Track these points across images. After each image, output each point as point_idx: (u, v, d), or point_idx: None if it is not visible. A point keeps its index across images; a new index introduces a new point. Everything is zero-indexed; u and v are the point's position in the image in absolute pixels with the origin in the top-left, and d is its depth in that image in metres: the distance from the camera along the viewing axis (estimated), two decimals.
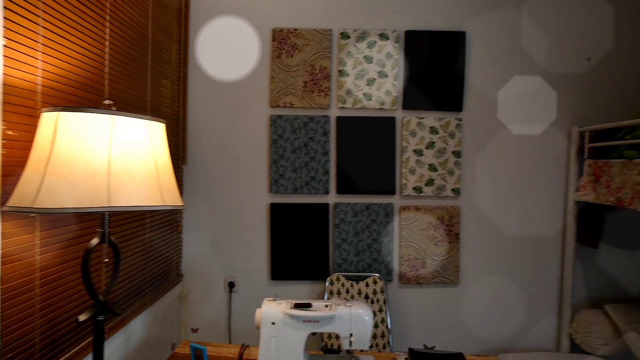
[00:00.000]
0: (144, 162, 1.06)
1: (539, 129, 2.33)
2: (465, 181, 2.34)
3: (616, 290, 2.39)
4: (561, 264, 2.37)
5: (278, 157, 2.29)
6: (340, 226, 2.31)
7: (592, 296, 2.39)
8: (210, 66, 2.30)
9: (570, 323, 2.32)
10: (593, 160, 2.12)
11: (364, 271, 2.33)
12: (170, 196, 1.12)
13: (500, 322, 2.38)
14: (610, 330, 2.16)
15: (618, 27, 2.31)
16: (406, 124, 2.30)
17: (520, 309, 2.38)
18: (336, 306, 1.39)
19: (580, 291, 2.38)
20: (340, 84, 2.29)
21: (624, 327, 2.10)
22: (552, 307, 2.38)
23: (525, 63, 2.32)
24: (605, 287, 2.39)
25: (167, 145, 1.21)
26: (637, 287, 2.39)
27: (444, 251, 2.33)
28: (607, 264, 2.38)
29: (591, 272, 2.38)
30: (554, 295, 2.38)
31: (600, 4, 2.30)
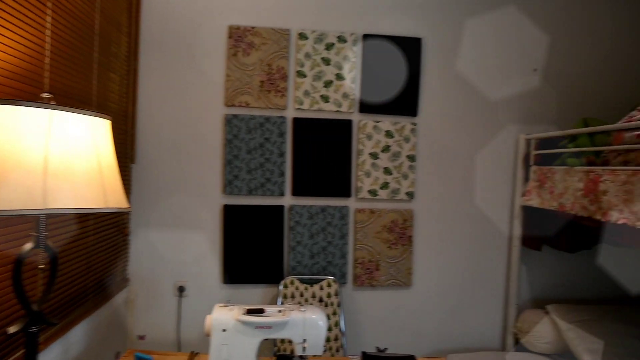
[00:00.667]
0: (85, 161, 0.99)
1: (489, 135, 2.41)
2: (418, 185, 2.38)
3: (558, 291, 2.51)
4: (507, 266, 2.46)
5: (233, 158, 2.24)
6: (295, 229, 2.28)
7: (535, 297, 2.50)
8: (163, 61, 2.21)
9: (515, 323, 2.42)
10: (538, 167, 2.21)
11: (319, 274, 2.31)
12: (114, 197, 1.06)
13: (450, 323, 2.44)
14: (552, 329, 2.26)
15: (561, 40, 2.43)
16: (362, 127, 2.31)
17: (469, 309, 2.45)
18: (290, 311, 1.36)
19: (525, 292, 2.49)
20: (297, 85, 2.26)
21: (564, 326, 2.20)
22: (498, 307, 2.47)
23: (477, 71, 2.39)
24: (547, 288, 2.50)
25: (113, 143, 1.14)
26: (577, 288, 2.52)
27: (397, 254, 2.36)
28: (549, 266, 2.50)
29: (535, 273, 2.49)
30: (501, 296, 2.47)
31: (545, 18, 2.41)
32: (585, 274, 2.52)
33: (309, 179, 2.29)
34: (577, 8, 2.44)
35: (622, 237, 1.76)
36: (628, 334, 2.11)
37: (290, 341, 2.16)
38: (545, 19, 2.41)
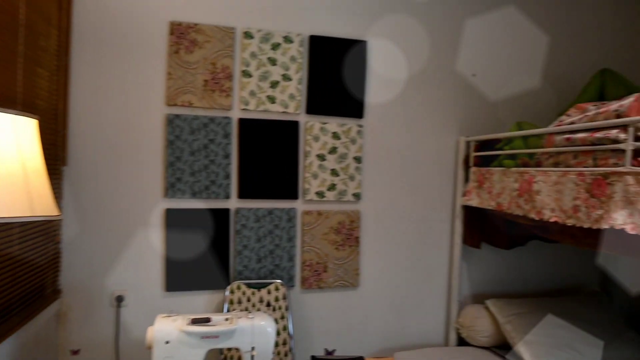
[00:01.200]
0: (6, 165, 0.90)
1: (431, 138, 2.49)
2: (365, 186, 2.41)
3: (496, 286, 2.63)
4: (449, 264, 2.55)
5: (175, 160, 2.14)
6: (241, 232, 2.23)
7: (475, 293, 2.60)
8: (98, 57, 2.07)
9: (457, 318, 2.51)
10: (477, 168, 2.31)
11: (266, 278, 2.27)
12: (42, 204, 0.97)
13: (396, 321, 2.49)
14: (491, 323, 2.37)
15: (497, 45, 2.55)
16: (309, 129, 2.30)
17: (414, 307, 2.51)
18: (237, 319, 1.32)
19: (466, 288, 2.59)
20: (243, 85, 2.21)
21: (502, 320, 2.31)
22: (441, 304, 2.55)
23: (420, 74, 2.45)
24: (487, 284, 2.62)
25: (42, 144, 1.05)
26: (513, 282, 2.66)
27: (345, 255, 2.37)
28: (488, 263, 2.61)
29: (475, 270, 2.60)
30: (443, 294, 2.55)
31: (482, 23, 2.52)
32: (520, 269, 2.67)
33: (255, 181, 2.24)
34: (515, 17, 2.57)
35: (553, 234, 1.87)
36: (559, 324, 2.25)
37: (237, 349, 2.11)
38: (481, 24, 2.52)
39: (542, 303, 2.43)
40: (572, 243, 1.75)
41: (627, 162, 1.39)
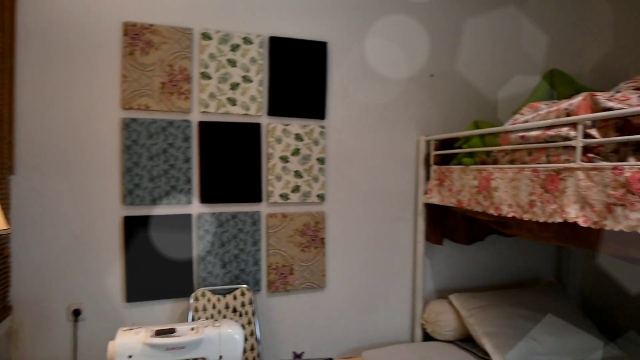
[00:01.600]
0: None
1: (393, 137, 2.52)
2: (329, 187, 2.41)
3: (459, 281, 2.70)
4: (413, 262, 2.59)
5: (132, 165, 2.07)
6: (204, 238, 2.18)
7: (439, 288, 2.66)
8: (47, 59, 1.97)
9: (422, 314, 2.55)
10: (438, 167, 2.36)
11: (231, 283, 2.23)
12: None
13: (363, 321, 2.51)
14: (454, 317, 2.42)
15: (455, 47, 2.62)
16: (272, 131, 2.28)
17: (381, 306, 2.54)
18: (203, 328, 1.28)
19: (430, 285, 2.64)
20: (202, 87, 2.16)
21: (465, 314, 2.38)
22: (406, 301, 2.59)
23: (380, 75, 2.48)
24: (450, 279, 2.68)
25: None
26: (474, 277, 2.74)
27: (310, 256, 2.36)
28: (450, 259, 2.68)
29: (438, 266, 2.65)
30: (408, 291, 2.59)
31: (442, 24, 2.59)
32: (481, 264, 2.75)
33: (218, 185, 2.20)
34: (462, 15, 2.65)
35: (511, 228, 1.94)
36: (519, 315, 2.34)
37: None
38: (442, 25, 2.58)
39: (503, 295, 2.52)
40: (529, 237, 1.82)
41: (577, 158, 1.45)
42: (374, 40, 2.46)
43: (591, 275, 2.80)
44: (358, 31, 2.43)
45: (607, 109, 1.40)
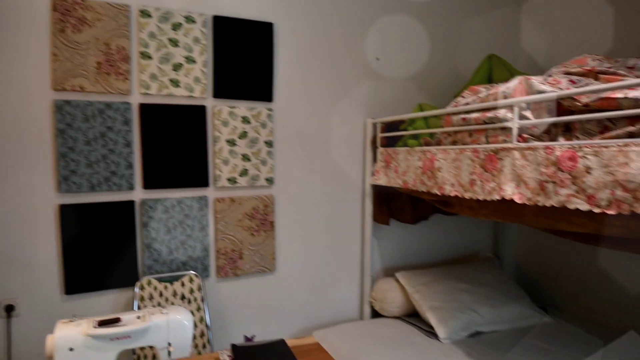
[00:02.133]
0: None
1: (340, 120, 2.54)
2: (277, 170, 2.39)
3: (405, 259, 2.80)
4: (361, 242, 2.65)
5: (68, 150, 1.95)
6: (149, 225, 2.11)
7: (387, 267, 2.75)
8: None
9: (370, 293, 2.63)
10: (384, 149, 2.41)
11: (179, 270, 2.18)
12: None
13: (314, 301, 2.54)
14: (401, 294, 2.52)
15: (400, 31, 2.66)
16: (217, 113, 2.22)
17: (330, 286, 2.58)
18: (150, 315, 1.25)
19: (377, 264, 2.72)
20: (142, 68, 2.06)
21: (410, 290, 2.47)
22: (355, 280, 2.65)
23: (327, 57, 2.48)
24: (396, 258, 2.78)
25: None
26: (419, 255, 2.85)
27: (260, 240, 2.35)
28: (397, 238, 2.77)
29: (385, 246, 2.73)
30: (357, 270, 2.65)
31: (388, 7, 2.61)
32: (425, 242, 2.86)
33: (161, 170, 2.12)
34: None
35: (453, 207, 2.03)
36: (460, 289, 2.47)
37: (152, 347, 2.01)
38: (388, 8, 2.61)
39: (445, 271, 2.64)
40: (470, 214, 1.91)
41: (513, 139, 1.54)
42: (321, 22, 2.44)
43: (525, 250, 3.00)
44: (305, 13, 2.40)
45: (540, 92, 1.49)
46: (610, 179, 1.20)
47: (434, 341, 2.20)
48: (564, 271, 2.74)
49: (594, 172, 1.24)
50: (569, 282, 2.70)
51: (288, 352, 1.61)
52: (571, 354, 2.06)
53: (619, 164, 1.18)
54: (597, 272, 2.54)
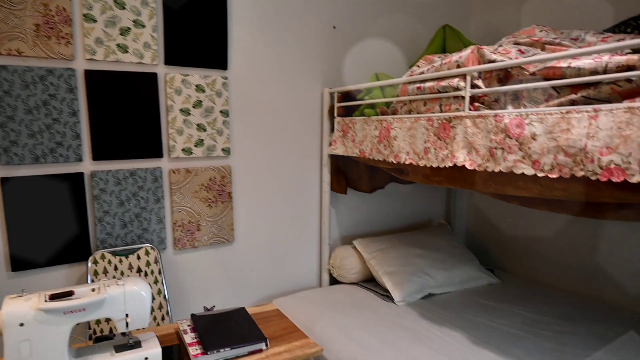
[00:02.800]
0: None
1: (298, 89, 2.51)
2: (234, 140, 2.36)
3: (362, 227, 2.87)
4: (319, 211, 2.68)
5: (6, 120, 1.82)
6: (100, 197, 2.03)
7: (344, 235, 2.81)
8: None
9: (328, 261, 2.68)
10: (341, 118, 2.42)
11: (134, 243, 2.13)
12: None
13: (274, 271, 2.57)
14: (358, 260, 2.59)
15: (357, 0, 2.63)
16: (170, 81, 2.14)
17: (290, 255, 2.61)
18: (106, 287, 1.22)
19: (335, 232, 2.77)
20: (86, 31, 1.94)
21: (367, 256, 2.54)
22: (314, 249, 2.70)
23: (283, 24, 2.42)
24: (353, 226, 2.84)
25: None
26: (376, 223, 2.92)
27: (218, 211, 2.33)
28: (354, 207, 2.82)
29: (343, 214, 2.78)
30: (315, 239, 2.69)
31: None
32: (382, 210, 2.94)
33: (112, 141, 2.03)
34: None
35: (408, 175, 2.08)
36: (414, 254, 2.57)
37: (109, 320, 1.97)
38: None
39: (400, 238, 2.73)
40: (424, 181, 1.98)
41: (465, 107, 1.58)
42: None
43: (474, 216, 3.15)
44: None
45: (491, 61, 1.53)
46: (553, 144, 1.27)
47: (390, 304, 2.29)
48: (509, 235, 2.90)
49: (539, 138, 1.31)
50: (514, 245, 2.87)
51: (248, 319, 1.63)
52: (515, 311, 2.22)
53: (561, 130, 1.25)
54: (539, 235, 2.72)
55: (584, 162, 1.19)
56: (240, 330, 1.53)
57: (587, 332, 1.98)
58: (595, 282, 2.44)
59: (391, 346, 1.85)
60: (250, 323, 1.59)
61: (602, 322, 2.08)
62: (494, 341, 1.90)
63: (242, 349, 1.44)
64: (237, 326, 1.56)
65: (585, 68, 1.25)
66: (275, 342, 1.54)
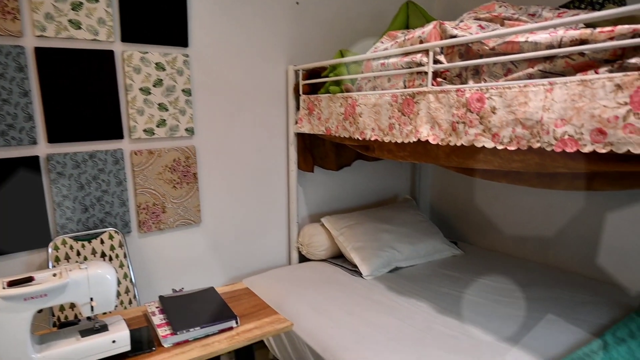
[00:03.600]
0: None
1: (262, 67, 2.47)
2: (198, 120, 2.31)
3: (330, 204, 2.89)
4: (287, 189, 2.68)
5: None
6: (58, 181, 1.95)
7: (312, 213, 2.82)
8: None
9: (297, 238, 2.70)
10: (307, 96, 2.40)
11: (96, 228, 2.07)
12: None
13: (242, 251, 2.56)
14: (326, 237, 2.62)
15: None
16: (128, 59, 2.06)
17: (258, 235, 2.61)
18: (68, 272, 1.19)
19: (303, 210, 2.78)
20: (34, 6, 1.83)
21: (335, 233, 2.58)
22: (283, 228, 2.71)
23: (249, 1, 2.36)
24: (321, 204, 2.86)
25: None
26: (343, 200, 2.95)
27: (183, 193, 2.29)
28: (321, 185, 2.83)
29: (310, 193, 2.79)
30: (284, 218, 2.70)
31: None
32: (349, 188, 2.97)
33: (68, 122, 1.95)
34: None
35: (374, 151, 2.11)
36: (381, 229, 2.62)
37: (73, 306, 1.92)
38: None
39: (368, 214, 2.78)
40: (389, 157, 2.00)
41: (428, 82, 1.60)
42: None
43: (438, 191, 3.23)
44: None
45: (453, 37, 1.55)
46: (512, 117, 1.31)
47: (358, 279, 2.34)
48: (471, 209, 3.00)
49: (499, 112, 1.34)
50: (476, 218, 2.98)
51: (217, 298, 1.63)
52: (477, 280, 2.31)
53: (519, 104, 1.29)
54: (499, 208, 2.82)
55: (540, 134, 1.24)
56: (210, 309, 1.53)
57: (543, 297, 2.09)
58: (550, 250, 2.57)
59: (358, 318, 1.90)
60: (220, 302, 1.59)
61: (556, 287, 2.20)
62: (457, 309, 1.98)
63: (212, 327, 1.44)
64: (207, 306, 1.56)
65: (541, 42, 1.29)
66: (246, 319, 1.55)
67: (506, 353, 1.63)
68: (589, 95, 1.13)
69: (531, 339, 1.72)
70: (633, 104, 1.05)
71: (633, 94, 1.05)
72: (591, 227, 2.36)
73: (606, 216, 2.28)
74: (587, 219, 2.38)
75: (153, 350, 1.34)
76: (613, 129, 1.08)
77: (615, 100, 1.08)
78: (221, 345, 1.39)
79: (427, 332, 1.79)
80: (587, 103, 1.13)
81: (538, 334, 1.76)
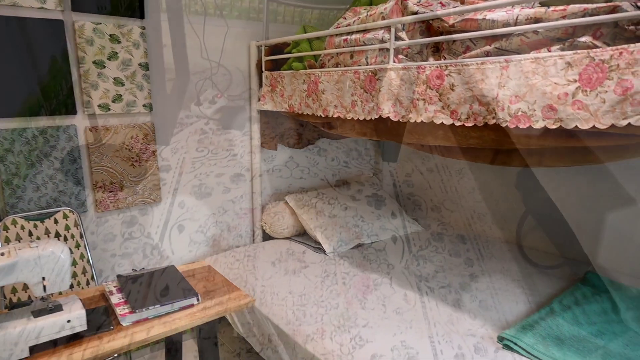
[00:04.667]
0: None
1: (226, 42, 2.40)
2: (156, 95, 2.23)
3: (294, 183, 2.89)
4: (250, 168, 2.65)
5: None
6: (6, 158, 1.85)
7: (276, 192, 2.81)
8: None
9: (261, 217, 2.69)
10: (270, 72, 2.37)
11: (49, 207, 1.99)
12: None
13: (205, 230, 2.53)
14: (290, 216, 2.62)
15: None
16: (80, 30, 1.95)
17: (221, 213, 2.58)
18: (17, 251, 1.14)
19: (267, 189, 2.77)
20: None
21: (299, 211, 2.58)
22: (246, 206, 2.69)
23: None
24: (286, 183, 2.85)
25: None
26: (307, 179, 2.96)
27: (142, 171, 2.23)
28: (285, 163, 2.82)
29: (274, 171, 2.78)
30: (247, 196, 2.68)
31: None
32: (313, 166, 2.97)
33: (15, 97, 1.84)
34: None
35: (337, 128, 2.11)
36: (345, 207, 2.64)
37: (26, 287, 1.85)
38: None
39: (331, 192, 2.80)
40: (352, 134, 2.01)
41: (390, 59, 1.61)
42: None
43: (401, 169, 3.29)
44: None
45: (414, 13, 1.55)
46: (469, 94, 1.34)
47: (321, 255, 2.37)
48: (431, 187, 3.07)
49: (457, 89, 1.37)
50: (435, 196, 3.05)
51: (178, 276, 1.61)
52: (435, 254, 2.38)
53: (476, 81, 1.31)
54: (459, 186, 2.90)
55: (496, 110, 1.27)
56: (171, 287, 1.51)
57: (497, 270, 2.18)
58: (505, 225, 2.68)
59: (320, 292, 1.93)
60: (181, 280, 1.58)
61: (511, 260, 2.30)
62: (415, 283, 2.04)
63: (172, 305, 1.42)
64: (167, 284, 1.54)
65: (498, 20, 1.31)
66: (207, 296, 1.54)
67: (459, 323, 1.70)
68: (541, 73, 1.16)
69: (485, 309, 1.81)
70: (582, 81, 1.09)
71: (582, 72, 1.09)
72: (545, 203, 2.47)
73: (559, 192, 2.39)
74: (542, 195, 2.48)
75: (111, 329, 1.32)
76: (563, 105, 1.13)
77: (565, 78, 1.12)
78: (182, 322, 1.38)
79: (387, 305, 1.84)
80: (539, 80, 1.16)
81: (492, 304, 1.84)
